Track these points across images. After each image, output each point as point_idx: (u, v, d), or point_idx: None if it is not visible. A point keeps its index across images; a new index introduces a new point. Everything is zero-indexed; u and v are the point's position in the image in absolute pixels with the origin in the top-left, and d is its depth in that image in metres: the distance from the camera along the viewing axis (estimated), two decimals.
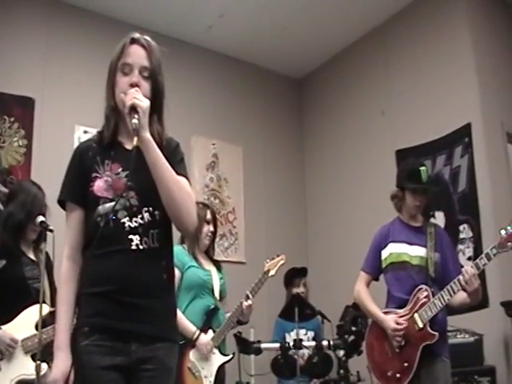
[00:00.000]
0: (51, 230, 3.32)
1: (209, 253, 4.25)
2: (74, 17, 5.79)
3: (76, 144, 5.21)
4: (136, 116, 2.04)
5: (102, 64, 2.65)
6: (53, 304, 3.44)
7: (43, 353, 3.25)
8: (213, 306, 4.03)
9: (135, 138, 2.04)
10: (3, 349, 3.37)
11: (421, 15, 5.93)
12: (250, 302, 4.01)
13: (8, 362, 3.38)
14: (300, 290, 5.50)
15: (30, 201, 3.69)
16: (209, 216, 4.19)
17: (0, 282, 3.57)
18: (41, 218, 3.43)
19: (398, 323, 3.60)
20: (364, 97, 6.50)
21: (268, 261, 4.21)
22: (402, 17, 6.13)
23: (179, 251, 4.01)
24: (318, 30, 6.42)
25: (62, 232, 2.24)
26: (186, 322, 3.89)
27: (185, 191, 2.10)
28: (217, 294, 4.10)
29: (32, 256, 3.73)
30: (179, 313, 3.80)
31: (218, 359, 3.98)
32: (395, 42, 6.22)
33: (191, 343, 3.90)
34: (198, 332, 3.91)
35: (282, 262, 4.23)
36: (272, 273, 4.16)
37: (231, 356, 4.08)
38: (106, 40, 5.52)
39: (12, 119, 5.20)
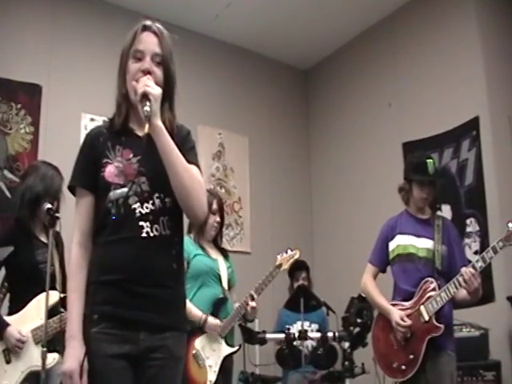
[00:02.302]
0: (58, 218, 3.28)
1: (216, 242, 4.23)
2: (81, 4, 5.77)
3: (83, 132, 5.25)
4: (148, 103, 2.03)
5: (108, 52, 2.64)
6: (64, 290, 3.39)
7: (54, 342, 3.24)
8: (221, 296, 4.00)
9: (146, 126, 2.02)
10: (11, 347, 3.34)
11: (428, 7, 5.90)
12: (254, 303, 3.94)
13: (18, 354, 3.35)
14: (301, 283, 5.50)
15: (49, 176, 3.64)
16: (215, 206, 4.14)
17: (11, 266, 3.56)
18: (48, 206, 3.37)
19: (402, 319, 3.59)
20: (371, 88, 6.48)
21: (281, 254, 4.16)
22: (409, 8, 6.10)
23: (185, 241, 3.99)
24: (326, 21, 6.39)
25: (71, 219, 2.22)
26: (192, 308, 3.84)
27: (195, 178, 2.10)
28: (225, 283, 4.07)
29: (44, 239, 3.65)
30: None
31: (223, 350, 3.96)
32: (402, 34, 6.19)
33: (198, 331, 3.88)
34: (204, 316, 3.88)
35: (296, 257, 4.17)
36: (285, 267, 4.12)
37: (237, 348, 4.05)
38: (112, 28, 5.55)
39: (19, 106, 5.18)
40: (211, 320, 3.90)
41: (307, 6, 6.13)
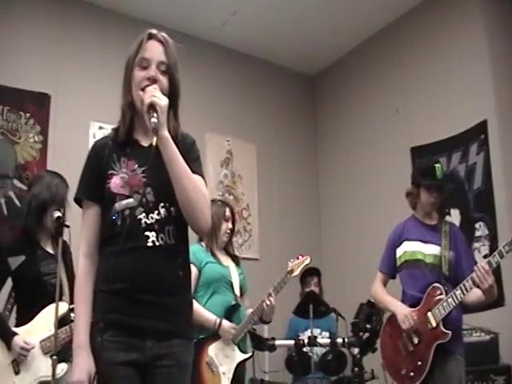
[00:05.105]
0: (67, 226, 3.26)
1: (227, 249, 4.25)
2: (89, 13, 5.81)
3: (91, 140, 5.28)
4: (155, 115, 2.04)
5: (116, 60, 2.65)
6: (72, 300, 3.42)
7: (63, 352, 3.22)
8: (233, 303, 4.02)
9: (154, 139, 2.04)
10: (16, 357, 3.34)
11: (435, 12, 5.89)
12: (272, 301, 3.96)
13: (27, 365, 3.35)
14: (311, 288, 5.49)
15: (54, 184, 3.65)
16: (228, 213, 4.20)
17: (16, 279, 3.56)
18: (57, 214, 3.32)
19: (410, 314, 3.58)
20: (378, 94, 6.47)
21: (292, 260, 4.17)
22: (416, 13, 6.09)
23: (196, 249, 4.01)
24: (332, 27, 6.40)
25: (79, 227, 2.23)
26: (205, 313, 3.88)
27: (200, 191, 2.10)
28: (237, 290, 4.09)
29: (50, 249, 3.66)
30: (198, 306, 3.80)
31: (237, 356, 3.96)
32: (409, 39, 6.18)
33: (211, 337, 3.89)
34: (218, 320, 3.88)
35: (306, 262, 4.18)
36: (296, 273, 4.13)
37: (250, 354, 4.04)
38: (119, 36, 5.57)
39: (28, 115, 5.21)
40: (225, 323, 3.91)
41: (314, 13, 6.14)
